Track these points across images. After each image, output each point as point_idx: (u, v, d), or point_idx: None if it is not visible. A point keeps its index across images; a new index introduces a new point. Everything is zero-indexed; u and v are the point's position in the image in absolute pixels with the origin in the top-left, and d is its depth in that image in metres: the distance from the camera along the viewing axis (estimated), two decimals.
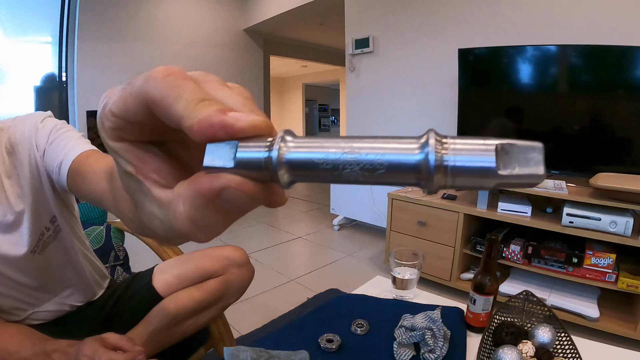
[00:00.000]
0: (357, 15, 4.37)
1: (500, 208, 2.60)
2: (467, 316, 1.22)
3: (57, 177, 0.94)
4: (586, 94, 2.62)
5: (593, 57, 2.53)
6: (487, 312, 1.17)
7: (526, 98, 2.85)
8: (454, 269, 2.80)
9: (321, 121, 16.53)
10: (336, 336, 1.10)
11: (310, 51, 8.92)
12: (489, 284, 1.15)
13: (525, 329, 1.11)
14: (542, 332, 1.06)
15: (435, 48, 3.63)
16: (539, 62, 2.75)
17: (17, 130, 0.99)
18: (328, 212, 4.87)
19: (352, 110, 4.53)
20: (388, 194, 3.17)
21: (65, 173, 0.90)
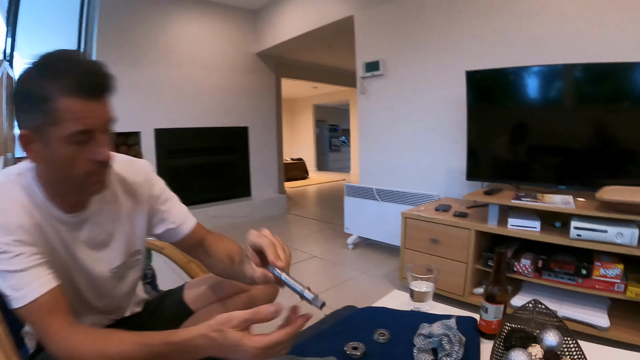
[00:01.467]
0: (367, 40, 4.51)
1: (511, 224, 2.67)
2: (480, 324, 1.31)
3: (166, 232, 1.33)
4: (590, 110, 2.71)
5: (596, 75, 2.63)
6: (499, 320, 1.26)
7: (532, 116, 2.94)
8: (467, 284, 2.86)
9: (332, 141, 16.58)
10: (360, 344, 1.19)
11: (320, 73, 9.04)
12: (499, 293, 1.24)
13: (534, 334, 1.19)
14: (550, 337, 1.14)
15: (443, 70, 3.74)
16: (543, 81, 2.85)
17: (129, 174, 1.28)
18: (341, 231, 4.94)
19: (364, 132, 4.64)
20: (402, 213, 3.25)
21: (182, 234, 1.33)
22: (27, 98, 0.94)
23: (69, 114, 0.92)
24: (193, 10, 5.87)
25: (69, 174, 0.99)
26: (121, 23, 5.21)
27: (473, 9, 3.50)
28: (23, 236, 0.97)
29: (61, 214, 1.09)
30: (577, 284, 2.43)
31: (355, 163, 13.27)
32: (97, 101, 0.96)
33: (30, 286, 0.94)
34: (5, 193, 1.02)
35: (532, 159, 2.98)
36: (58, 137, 0.94)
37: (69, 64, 0.94)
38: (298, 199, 8.64)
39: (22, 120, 0.97)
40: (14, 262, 0.94)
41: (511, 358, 1.05)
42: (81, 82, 0.93)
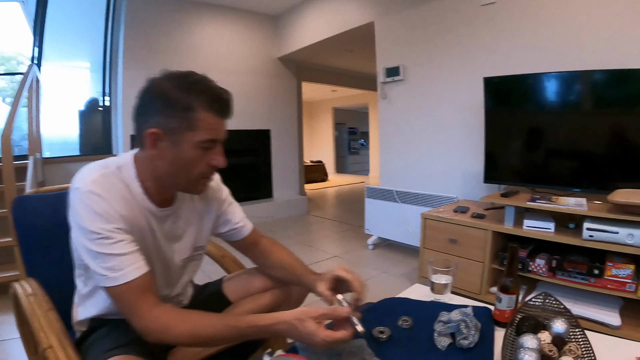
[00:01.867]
0: (387, 46, 4.61)
1: (526, 225, 2.76)
2: (494, 313, 1.44)
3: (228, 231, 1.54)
4: (605, 115, 2.78)
5: (611, 81, 2.70)
6: (511, 309, 1.39)
7: (547, 121, 3.01)
8: (484, 283, 2.95)
9: (350, 144, 16.63)
10: (386, 329, 1.32)
11: (340, 76, 9.14)
12: (512, 285, 1.37)
13: (543, 322, 1.31)
14: (558, 325, 1.25)
15: (462, 75, 3.83)
16: (559, 87, 2.94)
17: None
18: (362, 232, 5.05)
19: (385, 135, 4.73)
20: (421, 214, 3.35)
21: (242, 235, 1.56)
22: (170, 105, 1.12)
23: (204, 124, 1.13)
24: (216, 16, 6.04)
25: (188, 172, 1.19)
26: (146, 29, 5.37)
27: (490, 17, 3.59)
28: (123, 225, 1.12)
29: (154, 207, 1.26)
30: (590, 283, 2.49)
31: (374, 166, 13.32)
32: (223, 119, 1.20)
33: (127, 269, 1.09)
34: (110, 184, 1.15)
35: (547, 162, 3.05)
36: (190, 140, 1.13)
37: (206, 86, 1.17)
38: (318, 200, 8.74)
39: (155, 121, 1.14)
40: (114, 247, 1.08)
41: (522, 342, 1.16)
42: (216, 102, 1.16)
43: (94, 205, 1.09)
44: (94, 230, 1.07)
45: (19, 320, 1.50)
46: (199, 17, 5.86)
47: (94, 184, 1.11)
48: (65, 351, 1.10)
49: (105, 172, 1.17)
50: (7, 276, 3.40)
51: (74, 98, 5.88)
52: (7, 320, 3.00)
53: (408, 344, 1.28)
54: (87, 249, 1.09)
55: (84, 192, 1.10)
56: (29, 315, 1.23)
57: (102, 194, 1.11)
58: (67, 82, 5.83)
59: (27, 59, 5.58)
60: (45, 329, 1.16)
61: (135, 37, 5.30)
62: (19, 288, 1.37)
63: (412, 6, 4.29)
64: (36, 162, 4.13)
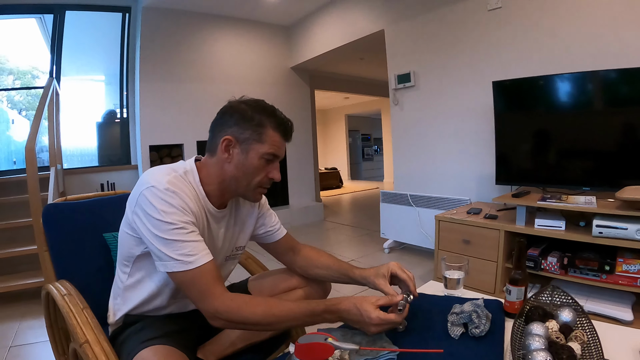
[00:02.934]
0: (397, 53, 4.69)
1: (537, 224, 2.82)
2: (504, 305, 1.51)
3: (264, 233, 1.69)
4: (614, 114, 2.83)
5: (620, 81, 2.76)
6: (520, 300, 1.46)
7: (555, 122, 3.08)
8: (497, 282, 3.01)
9: (364, 150, 16.66)
10: (403, 320, 1.40)
11: (352, 84, 9.22)
12: (521, 277, 1.44)
13: (551, 312, 1.38)
14: (565, 314, 1.32)
15: (471, 80, 3.90)
16: (566, 89, 2.99)
17: None
18: (377, 237, 5.13)
19: (398, 141, 4.82)
20: (435, 217, 3.42)
21: (276, 239, 1.71)
22: (246, 119, 1.34)
23: (271, 140, 1.35)
24: (230, 28, 6.18)
25: (251, 178, 1.38)
26: (162, 42, 5.52)
27: (498, 21, 3.67)
28: (194, 219, 1.29)
29: (213, 208, 1.43)
30: (601, 279, 2.54)
31: (388, 171, 13.35)
32: (285, 141, 1.41)
33: (201, 254, 1.24)
34: (185, 184, 1.32)
35: (557, 162, 3.10)
36: (257, 151, 1.34)
37: (275, 111, 1.40)
38: (333, 207, 8.81)
39: (231, 130, 1.35)
40: (189, 235, 1.24)
41: (530, 329, 1.23)
42: (282, 125, 1.38)
43: (172, 200, 1.24)
44: (171, 221, 1.22)
45: (49, 321, 1.62)
46: (213, 30, 6.00)
47: (170, 183, 1.26)
48: (102, 345, 1.19)
49: (176, 175, 1.32)
50: (29, 283, 3.54)
51: (90, 111, 6.02)
52: (32, 325, 3.15)
53: (423, 334, 1.36)
54: (159, 238, 1.21)
55: (161, 189, 1.24)
56: (65, 313, 1.30)
57: (178, 191, 1.26)
58: (84, 95, 5.97)
59: (42, 73, 5.73)
60: (82, 325, 1.24)
61: (151, 50, 5.44)
62: (53, 289, 1.45)
63: (421, 13, 4.37)
64: (57, 173, 4.26)
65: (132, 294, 1.42)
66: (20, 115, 5.93)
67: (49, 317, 1.61)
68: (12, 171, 5.22)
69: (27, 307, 3.46)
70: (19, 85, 5.96)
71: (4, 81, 5.69)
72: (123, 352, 1.29)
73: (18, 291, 3.57)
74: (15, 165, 5.47)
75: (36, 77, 5.96)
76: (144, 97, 5.46)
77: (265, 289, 1.72)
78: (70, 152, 5.72)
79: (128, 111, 5.92)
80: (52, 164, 4.30)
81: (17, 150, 5.60)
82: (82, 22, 5.72)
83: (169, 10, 5.58)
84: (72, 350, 1.43)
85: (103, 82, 6.19)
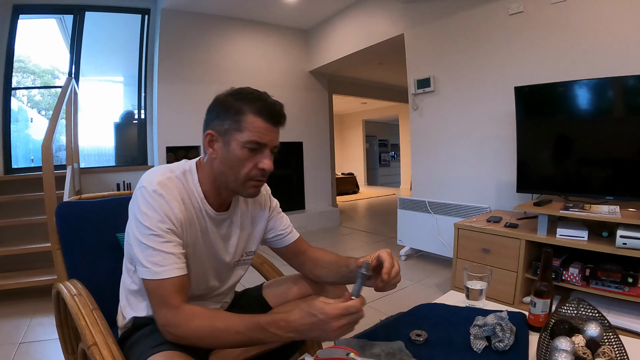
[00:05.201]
0: (417, 57, 4.66)
1: (559, 234, 2.76)
2: (529, 318, 1.47)
3: (274, 237, 1.63)
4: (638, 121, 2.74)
5: None
6: (546, 313, 1.42)
7: (580, 129, 3.01)
8: (517, 293, 2.94)
9: (381, 156, 16.65)
10: (423, 332, 1.37)
11: (370, 89, 9.20)
12: (546, 290, 1.40)
13: (577, 326, 1.34)
14: (592, 328, 1.28)
15: (492, 85, 3.85)
16: (591, 95, 2.93)
17: None
18: (394, 243, 5.07)
19: (417, 147, 4.77)
20: (454, 224, 3.37)
21: (287, 243, 1.64)
22: (225, 109, 1.28)
23: (251, 127, 1.25)
24: (249, 31, 6.20)
25: (237, 171, 1.29)
26: (180, 44, 5.55)
27: (519, 26, 3.63)
28: (176, 227, 1.24)
29: (211, 210, 1.38)
30: (624, 292, 2.47)
31: (405, 178, 13.31)
32: (273, 126, 1.29)
33: (170, 267, 1.18)
34: (173, 186, 1.28)
35: (580, 170, 3.04)
36: (239, 141, 1.25)
37: (259, 96, 1.29)
38: (350, 212, 8.79)
39: (213, 124, 1.30)
40: (163, 245, 1.19)
41: (556, 345, 1.19)
42: (265, 109, 1.26)
43: (155, 203, 1.21)
44: (148, 225, 1.19)
45: (59, 320, 1.61)
46: (232, 32, 6.02)
47: (159, 185, 1.23)
48: (110, 348, 1.17)
49: (171, 176, 1.30)
50: (43, 280, 3.56)
51: (108, 111, 6.08)
52: (42, 322, 3.16)
53: (445, 347, 1.32)
54: (138, 240, 1.19)
55: (149, 190, 1.22)
56: (74, 314, 1.29)
57: (164, 194, 1.23)
58: (102, 96, 6.04)
59: (62, 74, 5.79)
60: (91, 326, 1.23)
61: (169, 52, 5.47)
62: (63, 288, 1.44)
63: (441, 17, 4.34)
64: (74, 171, 4.28)
65: (137, 299, 1.40)
66: (39, 115, 5.98)
67: (59, 316, 1.60)
68: (30, 169, 5.30)
69: (39, 304, 3.48)
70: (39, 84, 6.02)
71: (25, 81, 5.75)
72: (132, 356, 1.26)
73: (31, 287, 3.59)
74: (33, 163, 5.54)
75: (56, 77, 6.04)
76: (162, 98, 5.49)
77: (278, 296, 1.69)
78: (87, 152, 5.78)
79: (146, 112, 5.96)
80: (69, 163, 4.34)
81: (35, 149, 5.67)
82: (101, 23, 5.79)
83: (188, 13, 5.62)
84: (81, 350, 1.38)
85: (122, 83, 6.25)
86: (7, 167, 5.10)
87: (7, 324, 3.13)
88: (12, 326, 3.08)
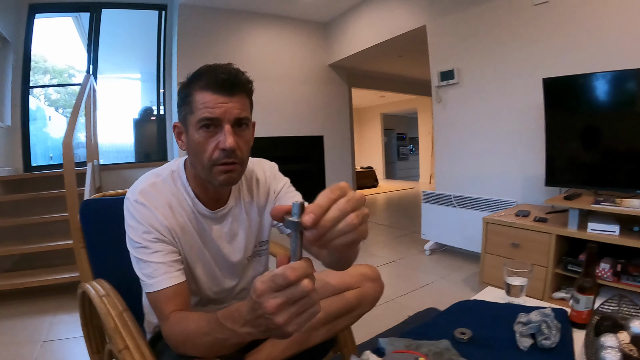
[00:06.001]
0: (440, 49, 4.63)
1: (590, 228, 2.72)
2: (571, 315, 1.46)
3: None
4: None
5: None
6: (589, 310, 1.41)
7: (611, 121, 2.96)
8: (547, 289, 2.91)
9: (399, 150, 16.63)
10: (467, 330, 1.36)
11: (389, 82, 9.19)
12: (590, 286, 1.39)
13: (621, 322, 1.33)
14: (636, 324, 1.27)
15: (518, 77, 3.81)
16: (623, 86, 2.87)
17: (259, 172, 1.48)
18: (416, 238, 5.08)
19: (440, 139, 4.75)
20: (483, 218, 3.35)
21: None
22: (180, 97, 1.19)
23: (200, 104, 1.12)
24: (268, 24, 6.23)
25: (200, 158, 1.17)
26: (199, 39, 5.57)
27: (545, 16, 3.58)
28: (164, 235, 1.18)
29: (206, 210, 1.30)
30: None
31: (424, 171, 13.25)
32: (224, 96, 1.13)
33: (160, 277, 1.13)
34: (158, 193, 1.22)
35: (610, 163, 2.99)
36: (193, 123, 1.15)
37: (209, 68, 1.15)
38: (369, 206, 8.69)
39: (178, 116, 1.22)
40: (151, 256, 1.14)
41: (602, 342, 1.18)
42: (212, 80, 1.12)
43: (137, 215, 1.17)
44: (135, 239, 1.16)
45: (84, 320, 1.57)
46: (250, 27, 6.04)
47: (141, 194, 1.19)
48: (141, 352, 1.14)
49: (156, 182, 1.25)
50: (64, 278, 3.58)
51: (126, 108, 6.19)
52: (65, 319, 3.18)
53: (490, 345, 1.32)
54: (131, 254, 1.17)
55: (131, 201, 1.19)
56: (103, 316, 1.24)
57: (147, 203, 1.18)
58: (120, 93, 6.15)
59: (78, 72, 5.87)
60: (122, 329, 1.18)
61: (188, 48, 5.50)
62: (90, 289, 1.38)
63: (465, 8, 4.30)
64: (94, 168, 4.33)
65: None
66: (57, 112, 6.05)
67: (84, 315, 1.57)
68: (49, 166, 5.39)
69: (61, 302, 3.50)
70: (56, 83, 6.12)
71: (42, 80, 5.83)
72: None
73: (51, 285, 3.60)
74: (52, 161, 5.65)
75: (72, 76, 6.14)
76: None
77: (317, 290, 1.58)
78: (106, 149, 5.87)
79: (165, 108, 6.01)
80: (89, 160, 4.39)
81: (53, 147, 5.79)
82: (118, 20, 5.87)
83: (206, 8, 5.64)
84: (108, 350, 1.40)
85: (139, 80, 6.31)
86: (26, 165, 5.20)
87: (29, 322, 3.14)
88: (34, 324, 3.09)
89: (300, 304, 0.71)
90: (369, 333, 2.61)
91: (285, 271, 0.68)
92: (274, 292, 0.70)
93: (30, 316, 3.24)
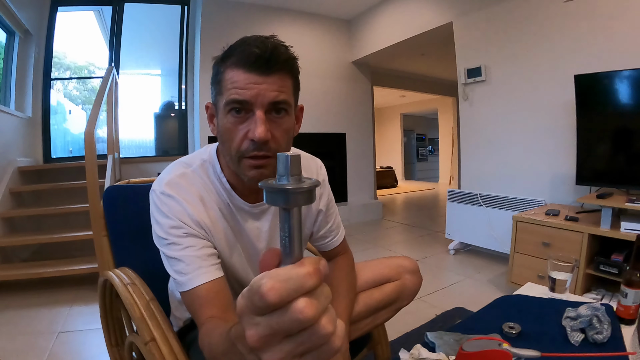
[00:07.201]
0: (467, 46, 4.59)
1: (624, 227, 2.67)
2: (617, 309, 1.43)
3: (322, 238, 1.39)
4: None
5: None
6: (637, 304, 1.39)
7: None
8: (577, 290, 2.87)
9: (419, 150, 16.62)
10: (516, 324, 1.35)
11: (410, 81, 9.14)
12: (638, 279, 1.37)
13: None
14: None
15: (548, 73, 3.75)
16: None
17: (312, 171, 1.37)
18: (441, 237, 5.06)
19: (467, 137, 4.70)
20: (513, 217, 3.30)
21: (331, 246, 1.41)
22: (213, 74, 1.06)
23: (229, 84, 0.97)
24: (291, 21, 6.21)
25: (228, 147, 1.02)
26: (222, 33, 5.54)
27: (575, 12, 3.52)
28: (196, 230, 1.06)
29: (244, 203, 1.16)
30: None
31: (444, 172, 13.20)
32: (258, 75, 0.96)
33: (193, 274, 1.00)
34: (188, 184, 1.10)
35: None
36: (222, 106, 1.00)
37: (244, 42, 1.00)
38: (390, 206, 8.76)
39: (211, 94, 1.08)
40: (182, 252, 1.02)
41: None
42: (246, 56, 0.96)
43: (165, 208, 1.05)
44: (163, 235, 1.04)
45: (104, 311, 1.47)
46: (274, 22, 6.03)
47: (168, 186, 1.08)
48: (170, 344, 1.07)
49: (186, 172, 1.12)
50: (84, 268, 3.56)
51: (147, 103, 6.25)
52: (82, 311, 3.15)
53: (540, 340, 1.31)
54: (161, 252, 1.07)
55: (157, 194, 1.07)
56: (128, 305, 1.15)
57: (176, 196, 1.07)
58: (141, 88, 6.20)
59: (98, 69, 5.97)
60: (149, 320, 1.10)
61: (211, 43, 5.49)
62: (114, 277, 1.28)
63: (492, 4, 4.26)
64: (114, 161, 4.37)
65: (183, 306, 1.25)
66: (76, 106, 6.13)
67: (104, 306, 1.46)
68: (69, 158, 5.51)
69: (78, 293, 3.48)
70: None
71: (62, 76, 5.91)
72: (192, 356, 1.16)
73: (69, 276, 3.59)
74: (71, 154, 5.75)
75: (92, 73, 6.18)
76: (204, 89, 5.51)
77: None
78: (127, 143, 5.95)
79: (186, 103, 6.03)
80: (110, 152, 4.45)
81: (73, 141, 5.91)
82: (139, 15, 5.93)
83: (229, 2, 5.64)
84: (128, 343, 1.33)
85: (159, 75, 6.35)
86: (46, 157, 5.28)
87: (45, 312, 3.14)
88: (51, 315, 3.08)
89: (300, 340, 0.40)
90: (396, 332, 2.61)
91: (262, 285, 0.39)
92: (254, 314, 0.41)
93: (47, 307, 3.24)
